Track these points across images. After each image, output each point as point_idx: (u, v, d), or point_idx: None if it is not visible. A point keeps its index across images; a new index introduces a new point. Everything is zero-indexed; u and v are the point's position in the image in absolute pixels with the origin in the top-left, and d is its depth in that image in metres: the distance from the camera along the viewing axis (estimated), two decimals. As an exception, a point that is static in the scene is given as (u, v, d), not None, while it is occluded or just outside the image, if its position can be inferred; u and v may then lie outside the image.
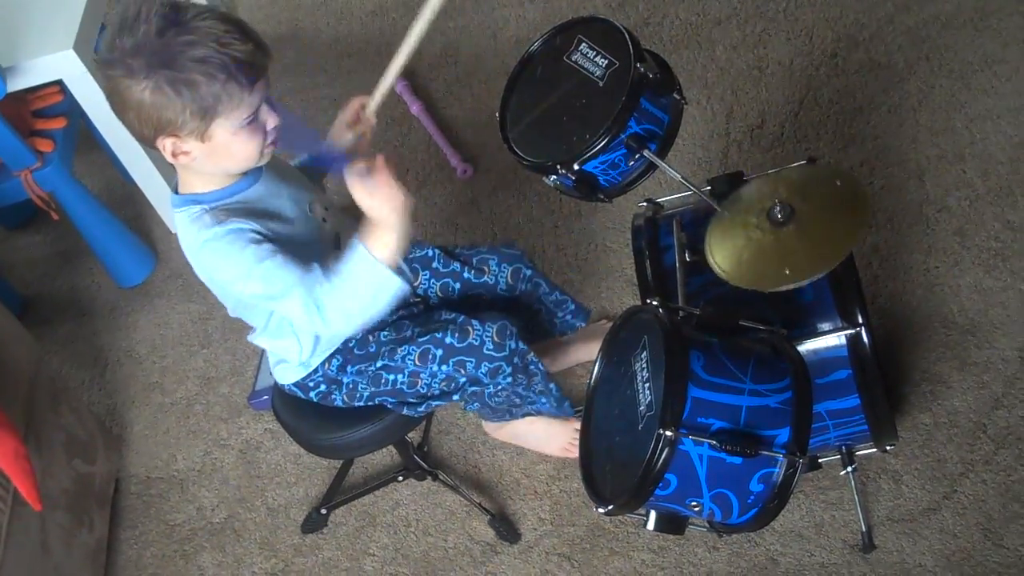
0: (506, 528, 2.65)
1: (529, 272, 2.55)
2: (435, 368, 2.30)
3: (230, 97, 1.93)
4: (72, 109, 3.24)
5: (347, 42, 3.89)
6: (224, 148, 2.00)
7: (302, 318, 2.09)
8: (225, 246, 2.05)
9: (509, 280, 2.51)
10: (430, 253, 2.50)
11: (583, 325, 2.69)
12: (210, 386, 3.17)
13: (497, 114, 2.43)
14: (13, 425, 2.43)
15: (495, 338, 2.29)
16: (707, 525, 2.08)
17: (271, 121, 2.02)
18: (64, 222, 3.35)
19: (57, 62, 2.95)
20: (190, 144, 1.99)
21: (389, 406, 2.37)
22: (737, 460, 1.92)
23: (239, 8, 4.16)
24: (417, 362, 2.30)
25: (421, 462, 2.70)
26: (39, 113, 3.25)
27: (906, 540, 2.41)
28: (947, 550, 2.38)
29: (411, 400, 2.35)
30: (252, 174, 2.14)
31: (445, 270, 2.50)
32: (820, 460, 2.39)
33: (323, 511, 2.77)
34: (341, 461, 2.78)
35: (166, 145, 1.99)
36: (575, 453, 2.57)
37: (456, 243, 2.83)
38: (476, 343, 2.28)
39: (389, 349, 2.33)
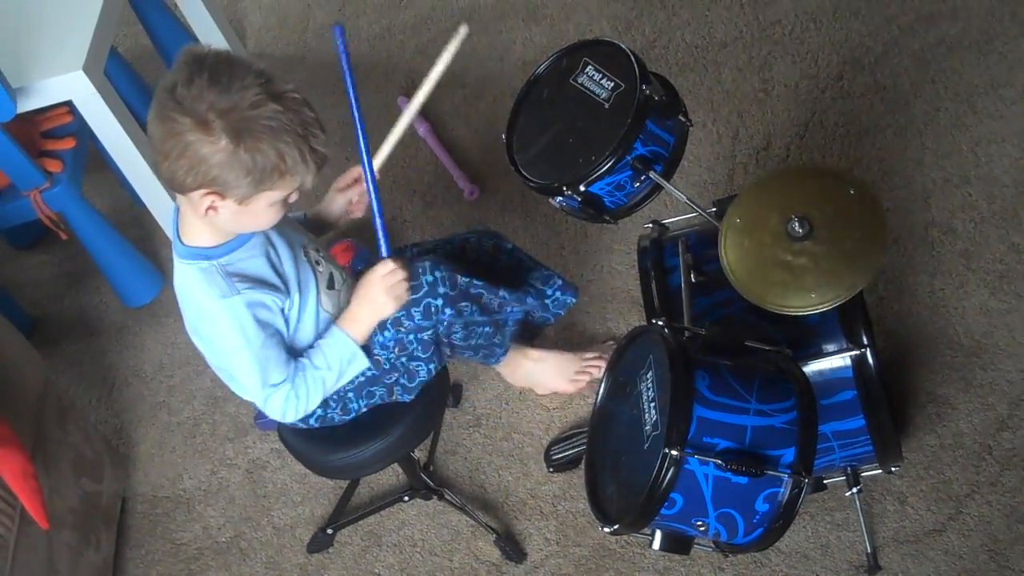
0: (512, 548, 2.65)
1: (509, 247, 2.58)
2: (380, 338, 2.31)
3: (294, 177, 2.00)
4: (81, 130, 3.25)
5: (355, 64, 3.88)
6: (254, 215, 2.06)
7: (272, 406, 2.24)
8: (236, 317, 2.11)
9: (490, 252, 2.54)
10: (408, 254, 2.52)
11: (574, 301, 2.67)
12: (217, 406, 3.18)
13: (504, 136, 2.44)
14: (21, 444, 2.43)
15: (421, 282, 2.31)
16: (713, 545, 2.08)
17: (295, 195, 2.08)
18: (73, 242, 3.36)
19: (67, 83, 2.96)
20: (227, 205, 2.02)
21: (385, 399, 2.37)
22: (743, 480, 1.93)
23: (248, 30, 4.19)
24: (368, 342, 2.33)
25: (427, 481, 2.71)
26: (48, 134, 3.27)
27: (911, 561, 2.41)
28: (952, 571, 2.38)
29: (389, 381, 2.35)
30: None
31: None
32: (825, 481, 2.40)
33: (329, 531, 2.77)
34: (347, 481, 2.79)
35: (204, 201, 2.01)
36: (583, 384, 2.79)
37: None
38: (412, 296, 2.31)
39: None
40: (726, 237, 2.15)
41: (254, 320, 2.12)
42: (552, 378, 2.79)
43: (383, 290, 2.22)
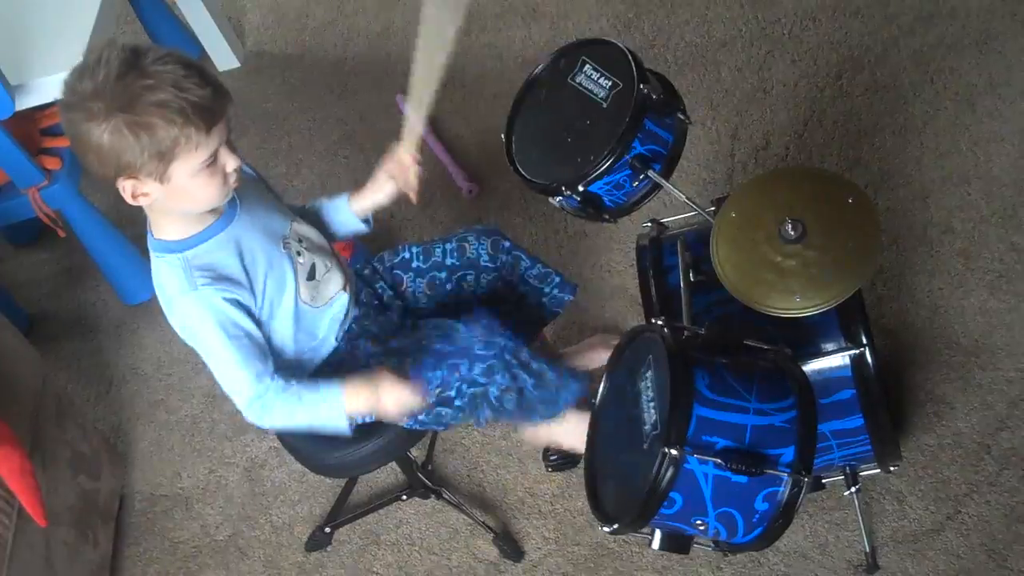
0: (510, 547, 2.65)
1: (507, 244, 2.54)
2: (427, 375, 2.27)
3: (187, 140, 1.96)
4: (80, 127, 3.25)
5: (354, 62, 3.90)
6: (183, 190, 2.03)
7: (238, 404, 2.21)
8: (199, 314, 2.11)
9: (490, 251, 2.50)
10: (407, 255, 2.50)
11: (571, 298, 2.62)
12: (215, 404, 3.18)
13: (503, 135, 2.44)
14: (19, 441, 2.43)
15: (482, 336, 2.27)
16: (712, 544, 2.08)
17: (231, 163, 2.05)
18: (71, 240, 3.36)
19: (66, 81, 2.96)
20: (149, 186, 2.01)
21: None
22: (742, 479, 1.93)
23: (246, 28, 4.19)
24: (412, 370, 2.29)
25: (425, 480, 2.70)
26: (47, 131, 3.26)
27: (910, 561, 2.41)
28: (951, 571, 2.38)
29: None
30: (225, 216, 2.17)
31: (426, 265, 2.49)
32: (824, 480, 2.40)
33: (327, 529, 2.77)
34: (345, 479, 2.78)
35: (125, 187, 2.02)
36: None
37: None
38: (464, 344, 2.27)
39: (378, 360, 2.33)
40: (719, 232, 2.15)
41: (216, 319, 2.11)
42: (576, 437, 2.53)
43: (394, 401, 2.17)
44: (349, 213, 2.41)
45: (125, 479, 3.07)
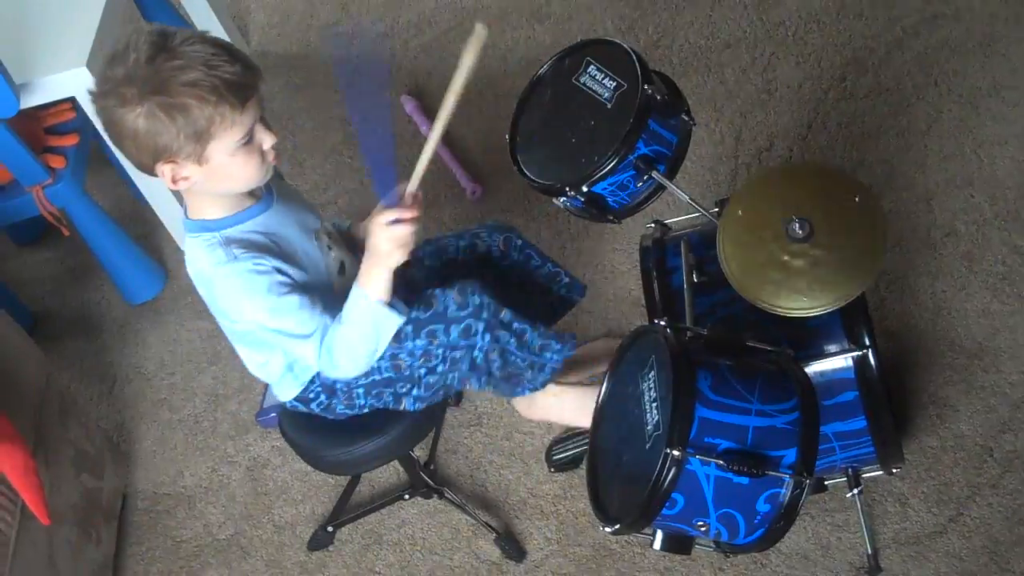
0: (512, 547, 2.65)
1: (520, 242, 2.54)
2: (410, 345, 2.27)
3: (223, 118, 1.97)
4: (84, 126, 3.26)
5: (354, 63, 3.90)
6: (223, 170, 2.05)
7: (314, 359, 2.19)
8: (246, 282, 2.11)
9: (501, 247, 2.51)
10: (419, 253, 2.50)
11: (580, 297, 2.65)
12: (218, 403, 3.18)
13: (507, 136, 2.44)
14: (22, 440, 2.44)
15: (456, 298, 2.26)
16: (714, 545, 2.08)
17: (267, 140, 2.07)
18: (75, 238, 3.37)
19: (70, 79, 2.96)
20: (189, 169, 2.03)
21: (390, 405, 2.36)
22: (744, 480, 1.93)
23: (250, 29, 4.19)
24: (392, 343, 2.28)
25: (427, 480, 2.70)
26: (51, 130, 3.27)
27: (912, 563, 2.41)
28: (953, 573, 2.38)
29: (403, 390, 2.33)
30: (263, 201, 2.18)
31: (439, 263, 2.51)
32: (826, 482, 2.39)
33: (329, 529, 2.77)
34: (347, 479, 2.79)
35: (165, 171, 2.03)
36: None
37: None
38: (440, 309, 2.26)
39: None
40: (725, 230, 2.15)
41: (262, 279, 2.10)
42: (572, 413, 2.58)
43: (386, 239, 2.13)
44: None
45: (128, 478, 3.08)
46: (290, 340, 2.18)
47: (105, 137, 2.07)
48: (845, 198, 2.12)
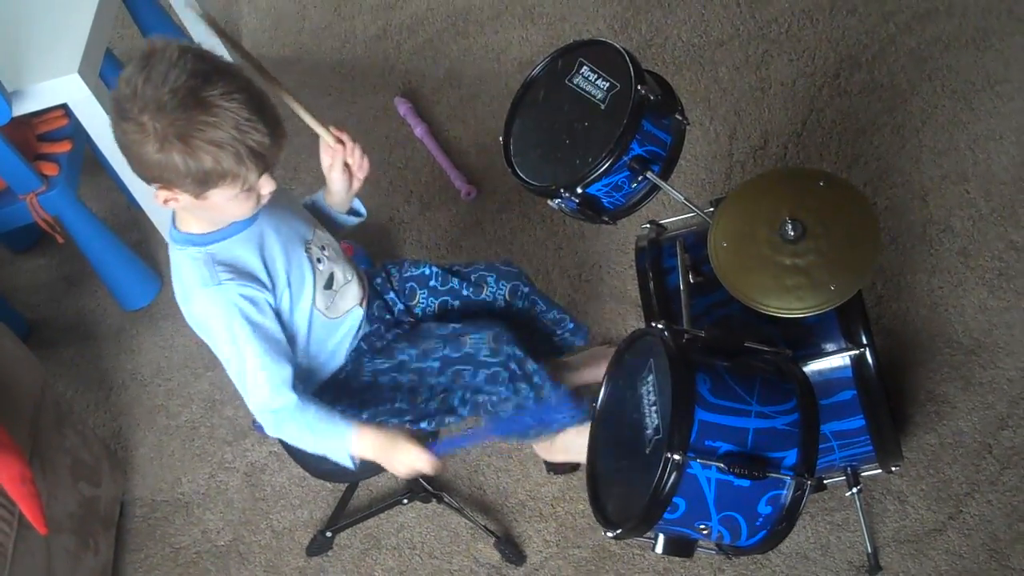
0: (512, 550, 2.65)
1: (527, 290, 2.53)
2: (432, 381, 2.29)
3: (235, 178, 1.97)
4: (77, 133, 3.24)
5: (351, 65, 3.90)
6: (216, 207, 2.05)
7: (253, 405, 2.19)
8: (221, 308, 2.11)
9: (507, 297, 2.51)
10: (427, 272, 2.50)
11: (582, 343, 2.66)
12: (215, 409, 3.17)
13: (500, 137, 2.44)
14: (18, 448, 2.43)
15: (490, 343, 2.27)
16: (715, 547, 2.08)
17: (267, 187, 2.05)
18: (69, 246, 3.35)
19: (62, 86, 2.95)
20: (183, 197, 2.02)
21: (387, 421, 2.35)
22: (745, 483, 1.92)
23: (243, 31, 4.18)
24: (413, 377, 2.30)
25: (426, 484, 2.70)
26: (44, 137, 3.26)
27: (912, 561, 2.41)
28: (953, 571, 2.38)
29: (409, 418, 2.33)
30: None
31: (443, 288, 2.50)
32: (825, 481, 2.40)
33: (328, 534, 2.77)
34: (346, 484, 2.78)
35: (159, 194, 2.03)
36: None
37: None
38: (471, 351, 2.27)
39: (385, 375, 2.35)
40: (718, 232, 2.15)
41: (240, 313, 2.10)
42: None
43: (406, 464, 2.16)
44: (330, 208, 2.43)
45: (125, 485, 3.07)
46: (244, 384, 2.17)
47: (97, 143, 2.05)
48: (837, 199, 2.12)
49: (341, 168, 2.32)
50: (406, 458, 2.15)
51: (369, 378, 2.35)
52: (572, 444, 2.54)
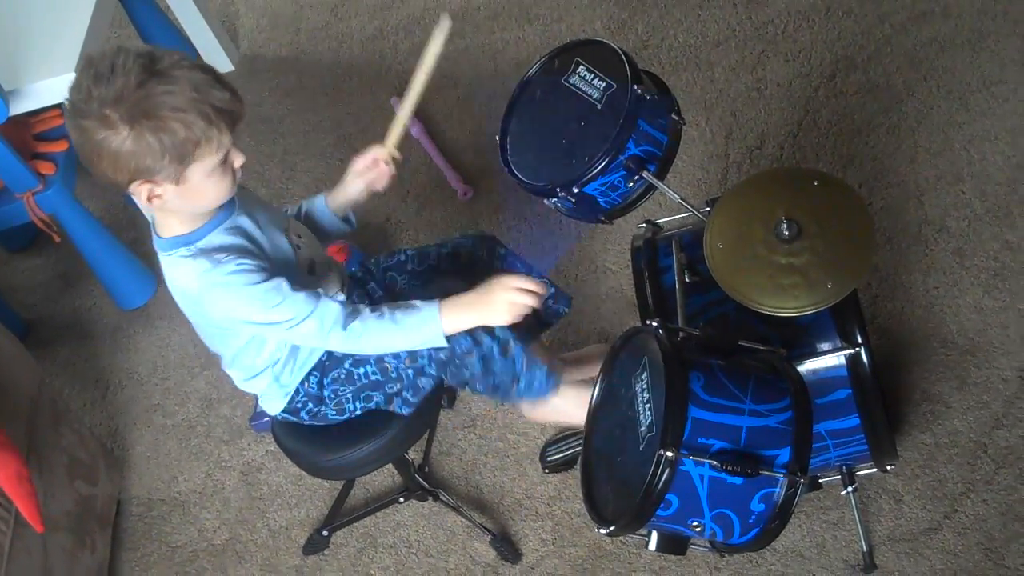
0: (508, 549, 2.65)
1: (503, 251, 2.56)
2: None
3: (208, 142, 1.99)
4: (74, 132, 3.25)
5: (348, 65, 3.90)
6: (197, 189, 2.06)
7: (316, 336, 2.18)
8: (233, 282, 2.11)
9: (485, 257, 2.53)
10: (402, 257, 2.53)
11: (566, 310, 2.64)
12: (212, 408, 3.18)
13: (497, 137, 2.44)
14: (15, 447, 2.43)
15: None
16: (709, 545, 2.08)
17: (239, 159, 2.09)
18: (66, 245, 3.36)
19: (59, 85, 2.95)
20: (164, 188, 2.03)
21: (381, 406, 2.36)
22: (738, 480, 1.93)
23: (240, 31, 4.18)
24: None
25: (422, 483, 2.70)
26: (41, 136, 3.26)
27: (907, 560, 2.41)
28: (948, 570, 2.38)
29: (391, 390, 2.33)
30: (226, 208, 2.19)
31: (421, 268, 2.52)
32: (821, 480, 2.40)
33: (324, 533, 2.77)
34: (343, 482, 2.78)
35: (141, 191, 2.04)
36: None
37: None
38: None
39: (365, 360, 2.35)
40: (713, 232, 2.15)
41: (256, 278, 2.11)
42: (577, 411, 2.43)
43: (507, 300, 2.19)
44: (328, 212, 2.45)
45: (122, 484, 3.07)
46: (289, 330, 2.18)
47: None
48: (832, 200, 2.13)
49: (371, 177, 2.39)
50: (506, 295, 2.18)
51: (349, 366, 2.35)
52: (555, 405, 2.52)
